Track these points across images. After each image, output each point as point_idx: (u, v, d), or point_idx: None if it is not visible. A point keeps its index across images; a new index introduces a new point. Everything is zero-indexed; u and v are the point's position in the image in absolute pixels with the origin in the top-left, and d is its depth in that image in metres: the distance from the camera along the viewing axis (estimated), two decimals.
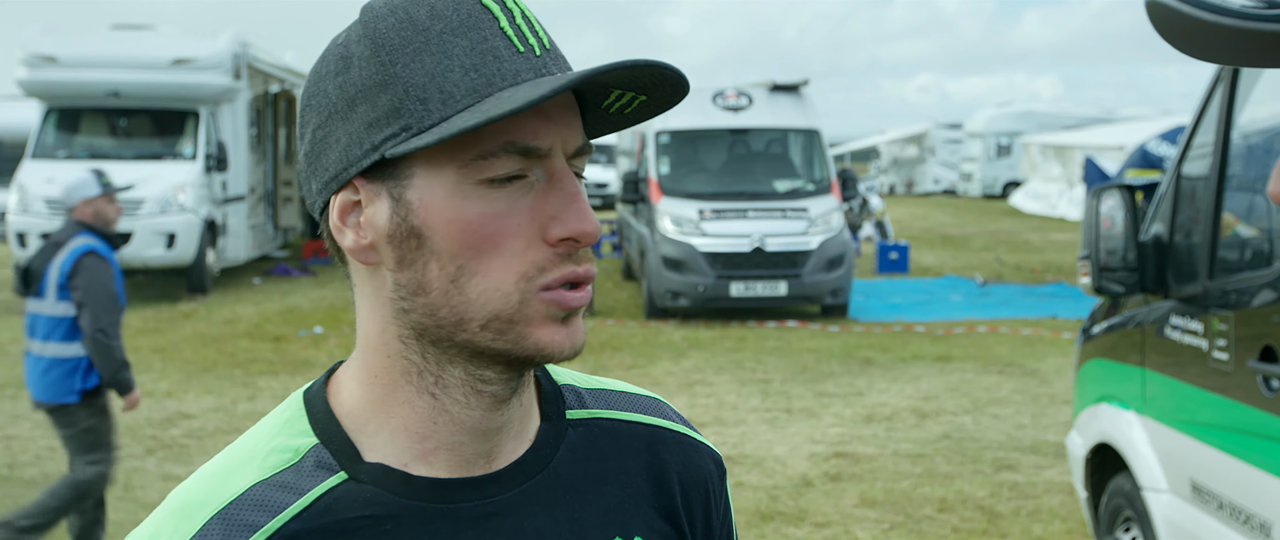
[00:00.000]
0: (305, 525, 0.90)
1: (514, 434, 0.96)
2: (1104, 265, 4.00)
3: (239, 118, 15.31)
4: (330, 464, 0.92)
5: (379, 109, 0.86)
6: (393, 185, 0.88)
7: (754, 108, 13.53)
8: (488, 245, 0.87)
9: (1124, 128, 27.62)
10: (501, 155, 0.86)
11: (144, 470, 6.74)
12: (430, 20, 0.87)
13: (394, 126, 0.86)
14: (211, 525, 0.89)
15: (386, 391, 0.93)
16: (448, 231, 0.87)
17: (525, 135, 0.86)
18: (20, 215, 13.34)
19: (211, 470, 0.94)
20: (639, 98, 0.91)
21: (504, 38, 0.87)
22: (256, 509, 0.90)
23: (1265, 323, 3.35)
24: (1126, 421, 4.20)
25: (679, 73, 0.87)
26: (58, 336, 4.99)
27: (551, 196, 0.88)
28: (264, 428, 0.97)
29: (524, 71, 0.86)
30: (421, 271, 0.88)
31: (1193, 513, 3.72)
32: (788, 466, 6.88)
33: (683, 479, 1.05)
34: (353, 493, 0.91)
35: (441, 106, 0.85)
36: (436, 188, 0.87)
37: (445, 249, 0.87)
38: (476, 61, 0.85)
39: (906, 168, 42.62)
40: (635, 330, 11.75)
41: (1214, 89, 3.82)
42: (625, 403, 1.07)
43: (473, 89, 0.85)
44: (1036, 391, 8.90)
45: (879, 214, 19.62)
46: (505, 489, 0.95)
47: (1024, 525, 5.81)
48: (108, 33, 15.19)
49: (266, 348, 10.75)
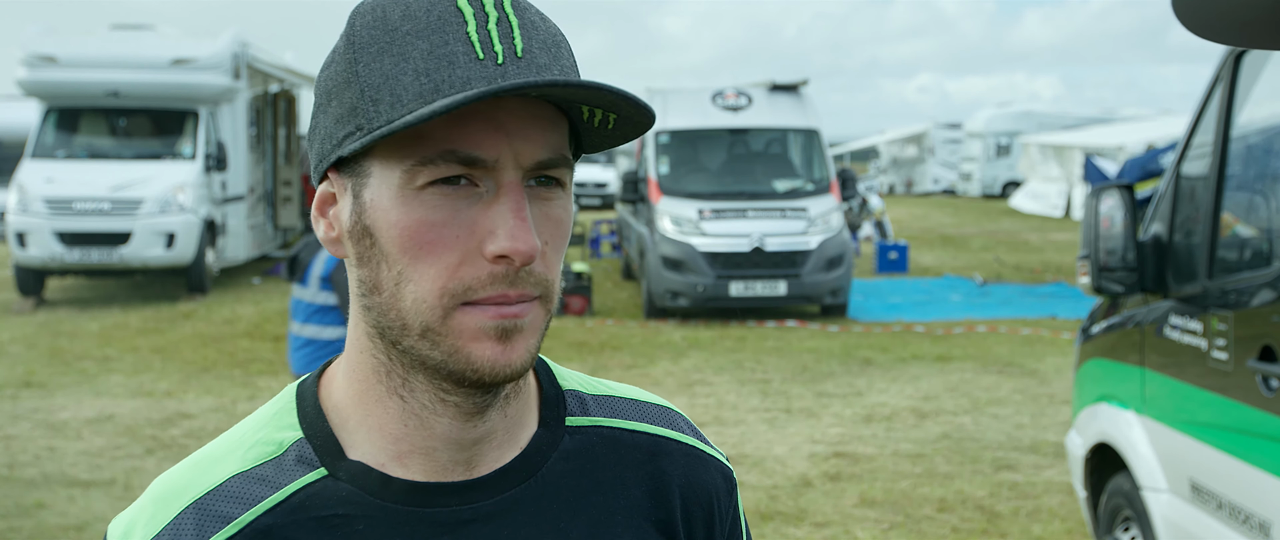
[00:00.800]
0: (277, 520, 0.90)
1: (499, 442, 0.95)
2: (1103, 265, 4.01)
3: (238, 118, 15.31)
4: (311, 459, 0.92)
5: (344, 106, 0.87)
6: (355, 182, 0.89)
7: (753, 108, 13.54)
8: (423, 252, 0.85)
9: (1123, 128, 27.63)
10: (440, 162, 0.84)
11: (143, 470, 6.74)
12: (401, 20, 0.86)
13: (350, 125, 0.86)
14: (185, 515, 0.90)
15: (363, 388, 0.93)
16: (390, 234, 0.86)
17: (468, 144, 0.84)
18: (20, 215, 13.34)
19: (196, 459, 0.95)
20: (612, 115, 0.88)
21: (465, 43, 0.85)
22: (231, 501, 0.90)
23: (1264, 322, 3.35)
24: (1126, 421, 4.20)
25: (619, 93, 0.84)
26: (315, 321, 5.53)
27: (493, 211, 0.85)
28: (254, 419, 0.97)
29: (475, 79, 0.83)
30: (375, 270, 0.88)
31: (1192, 512, 3.72)
32: (787, 466, 6.88)
33: (685, 492, 1.02)
34: (329, 490, 0.91)
35: (389, 109, 0.84)
36: (385, 189, 0.86)
37: (390, 251, 0.87)
38: (430, 66, 0.84)
39: (906, 168, 42.62)
40: (635, 330, 11.75)
41: (1213, 89, 3.82)
42: (632, 411, 1.05)
43: (419, 94, 0.83)
44: (1036, 391, 8.90)
45: (878, 214, 19.63)
46: (486, 496, 0.93)
47: (1023, 525, 5.81)
48: (107, 33, 15.19)
49: (266, 347, 10.75)
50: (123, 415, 8.07)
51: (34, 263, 13.37)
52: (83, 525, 5.81)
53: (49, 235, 13.23)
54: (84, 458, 7.00)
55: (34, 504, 6.11)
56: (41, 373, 9.55)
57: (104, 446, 7.25)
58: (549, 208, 0.88)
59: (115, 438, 7.46)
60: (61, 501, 6.16)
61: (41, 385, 9.05)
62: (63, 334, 11.53)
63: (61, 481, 6.51)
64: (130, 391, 8.86)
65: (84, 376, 9.43)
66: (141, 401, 8.52)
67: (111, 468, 6.78)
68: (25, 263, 13.40)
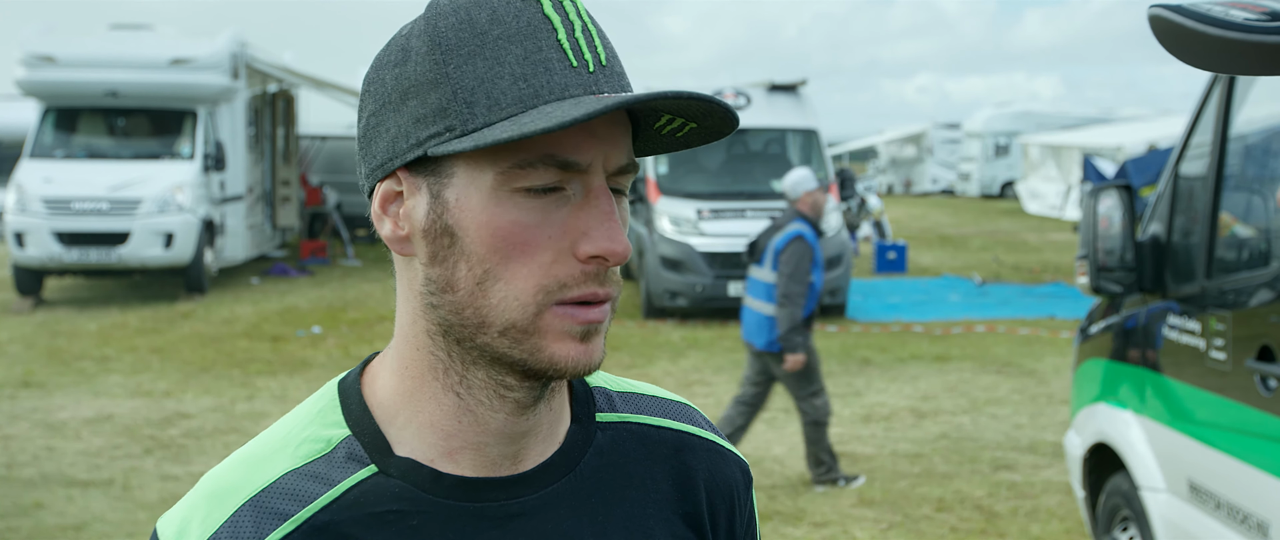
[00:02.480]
0: (334, 516, 0.92)
1: (542, 437, 0.97)
2: (1102, 265, 4.01)
3: (237, 117, 15.30)
4: (361, 456, 0.94)
5: (428, 106, 0.88)
6: (433, 182, 0.90)
7: (752, 107, 13.54)
8: (515, 253, 0.88)
9: (1122, 128, 27.62)
10: (539, 166, 0.86)
11: (142, 470, 6.74)
12: (489, 24, 0.88)
13: (439, 125, 0.87)
14: (243, 512, 0.91)
15: (416, 385, 0.94)
16: (479, 234, 0.88)
17: (565, 149, 0.86)
18: (18, 215, 13.33)
19: (245, 456, 0.96)
20: (689, 124, 0.92)
21: (559, 50, 0.87)
22: (287, 498, 0.92)
23: (1263, 322, 3.36)
24: (1124, 421, 4.21)
25: (726, 107, 0.88)
26: (771, 299, 6.27)
27: (585, 213, 0.88)
28: (298, 416, 0.98)
29: (573, 86, 0.87)
30: (451, 269, 0.90)
31: (1190, 512, 3.73)
32: (786, 466, 6.88)
33: (709, 486, 1.06)
34: (382, 486, 0.93)
35: (486, 112, 0.86)
36: (474, 190, 0.88)
37: (475, 251, 0.88)
38: (527, 71, 0.86)
39: (904, 168, 42.63)
40: (633, 330, 11.76)
41: (1212, 89, 3.82)
42: (655, 408, 1.08)
43: (519, 98, 0.86)
44: (1034, 391, 8.90)
45: (877, 214, 19.63)
46: (531, 490, 0.96)
47: (1022, 525, 5.81)
48: (106, 32, 15.18)
49: (264, 348, 10.75)
50: (121, 415, 8.07)
51: (32, 263, 13.36)
52: (81, 525, 5.81)
53: (47, 235, 13.22)
54: (82, 458, 6.99)
55: (32, 504, 6.11)
56: (40, 373, 9.54)
57: (102, 446, 7.25)
58: (620, 212, 0.91)
59: (114, 438, 7.46)
60: (60, 501, 6.16)
61: (40, 385, 9.04)
62: (61, 334, 11.53)
63: (60, 481, 6.51)
64: (129, 391, 8.85)
65: (82, 376, 9.43)
66: (140, 401, 8.51)
67: (110, 468, 6.78)
68: (24, 263, 13.39)
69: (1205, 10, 0.73)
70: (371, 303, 13.64)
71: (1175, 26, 0.73)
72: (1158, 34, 0.77)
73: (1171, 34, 0.75)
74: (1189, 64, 0.78)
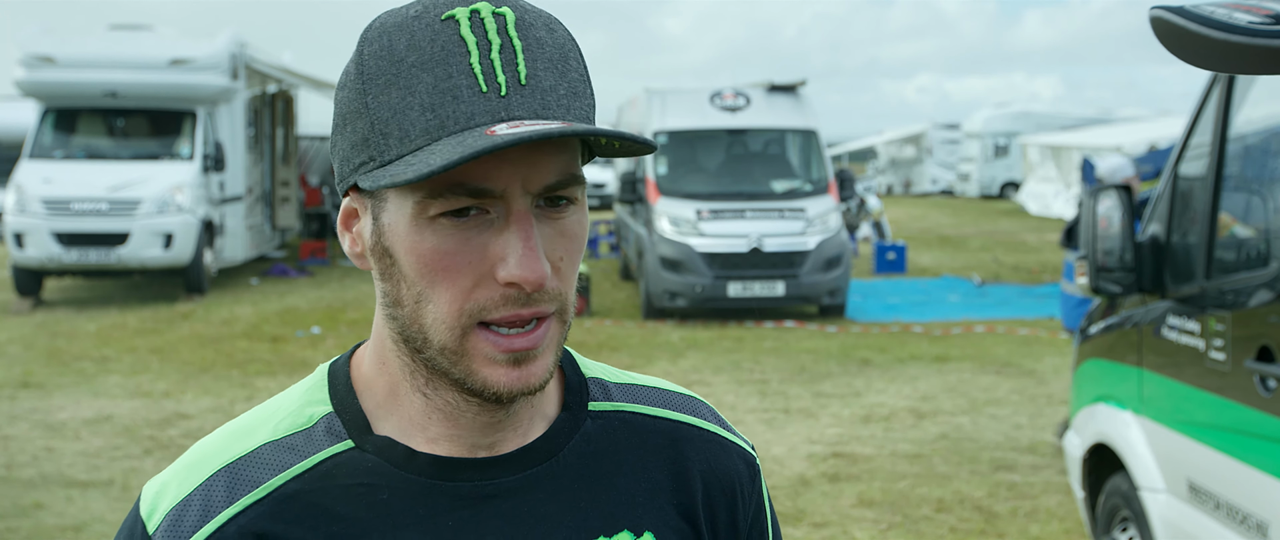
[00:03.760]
0: (304, 486, 0.94)
1: (522, 426, 0.98)
2: (1101, 265, 4.01)
3: (236, 118, 15.30)
4: (339, 432, 0.97)
5: (357, 134, 0.90)
6: (374, 204, 0.92)
7: (752, 108, 13.54)
8: (439, 277, 0.89)
9: (1121, 128, 27.63)
10: (449, 195, 0.87)
11: (141, 470, 6.74)
12: (407, 51, 0.88)
13: (364, 155, 0.90)
14: (217, 478, 0.95)
15: (392, 382, 0.97)
16: (407, 259, 0.90)
17: (474, 177, 0.86)
18: (17, 216, 13.33)
19: (229, 429, 0.99)
20: (615, 142, 0.90)
21: (469, 76, 0.86)
22: (261, 467, 0.95)
23: (1262, 323, 3.36)
24: (1124, 421, 4.21)
25: (615, 135, 0.86)
26: None
27: (504, 238, 0.88)
28: (287, 394, 1.02)
29: (479, 114, 0.86)
30: (396, 287, 0.92)
31: (1190, 513, 3.73)
32: (785, 467, 6.88)
33: (706, 478, 1.05)
34: (356, 461, 0.95)
35: (398, 144, 0.87)
36: (401, 216, 0.90)
37: (408, 274, 0.90)
38: (435, 101, 0.86)
39: (904, 168, 42.63)
40: (633, 330, 11.75)
41: (1211, 90, 3.82)
42: (655, 399, 1.08)
43: (426, 130, 0.86)
44: (1034, 392, 8.90)
45: (876, 214, 19.63)
46: (508, 472, 0.97)
47: (1021, 525, 5.81)
48: (105, 33, 15.17)
49: (264, 348, 10.75)
50: (121, 416, 8.06)
51: (32, 263, 13.35)
52: (81, 526, 5.81)
53: (47, 236, 13.22)
54: (82, 458, 6.99)
55: (32, 504, 6.11)
56: (39, 373, 9.54)
57: (102, 447, 7.25)
58: (561, 224, 0.91)
59: (113, 438, 7.46)
60: (59, 502, 6.16)
61: (39, 386, 9.04)
62: (61, 334, 11.52)
63: (59, 482, 6.51)
64: (128, 392, 8.85)
65: (82, 377, 9.43)
66: (139, 402, 8.51)
67: (109, 468, 6.78)
68: (23, 263, 13.39)
69: (1208, 13, 0.73)
70: (371, 303, 13.62)
71: (1177, 29, 0.73)
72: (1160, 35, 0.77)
73: (1174, 36, 0.75)
74: (1191, 64, 0.78)
